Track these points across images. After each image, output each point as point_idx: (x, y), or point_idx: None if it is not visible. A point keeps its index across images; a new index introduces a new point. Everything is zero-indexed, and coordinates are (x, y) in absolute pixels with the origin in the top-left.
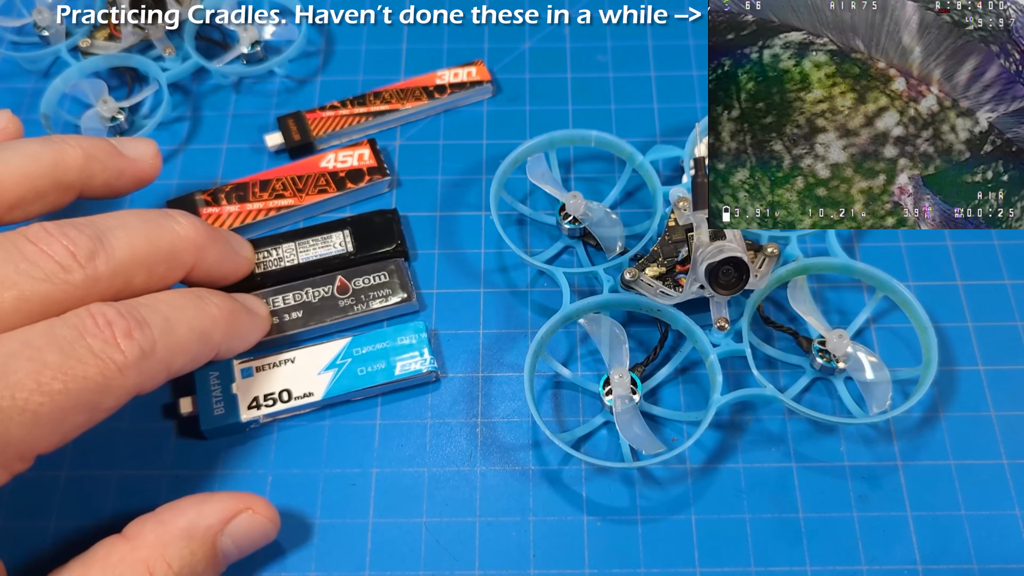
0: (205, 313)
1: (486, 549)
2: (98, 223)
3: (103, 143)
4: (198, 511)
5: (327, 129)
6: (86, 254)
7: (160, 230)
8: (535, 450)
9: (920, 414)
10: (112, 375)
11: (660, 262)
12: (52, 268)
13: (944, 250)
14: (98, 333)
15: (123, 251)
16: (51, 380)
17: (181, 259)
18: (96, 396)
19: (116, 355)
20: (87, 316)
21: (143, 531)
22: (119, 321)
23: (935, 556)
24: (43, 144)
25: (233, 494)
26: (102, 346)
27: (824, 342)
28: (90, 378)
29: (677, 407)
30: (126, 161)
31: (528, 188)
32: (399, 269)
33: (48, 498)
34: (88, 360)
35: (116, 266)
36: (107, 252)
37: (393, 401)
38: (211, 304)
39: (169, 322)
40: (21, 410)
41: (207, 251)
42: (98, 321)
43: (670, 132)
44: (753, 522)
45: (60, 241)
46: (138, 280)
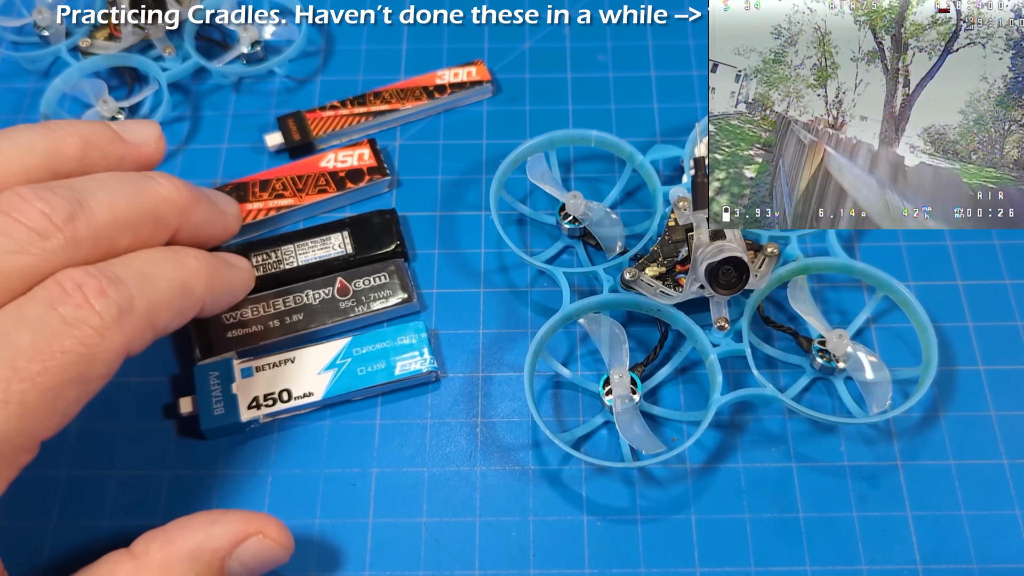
0: (183, 265)
1: (486, 549)
2: (76, 185)
3: (103, 128)
4: (207, 532)
5: (327, 129)
6: (64, 217)
7: (142, 191)
8: (535, 450)
9: (920, 414)
10: (92, 341)
11: (660, 262)
12: (27, 237)
13: (944, 250)
14: (68, 300)
15: (104, 212)
16: (27, 363)
17: (166, 220)
18: (82, 367)
19: (92, 319)
20: (54, 285)
21: (149, 549)
22: (89, 282)
23: (935, 556)
24: (39, 133)
25: (245, 515)
26: (75, 312)
27: (824, 342)
28: (70, 350)
29: (677, 407)
30: (127, 147)
31: (528, 188)
32: (399, 270)
33: (48, 498)
34: (63, 332)
35: (98, 228)
36: (87, 214)
37: (393, 401)
38: (188, 256)
39: (146, 276)
40: (4, 402)
41: (192, 211)
42: (66, 287)
43: (670, 132)
44: (753, 522)
45: (35, 205)
46: (123, 243)
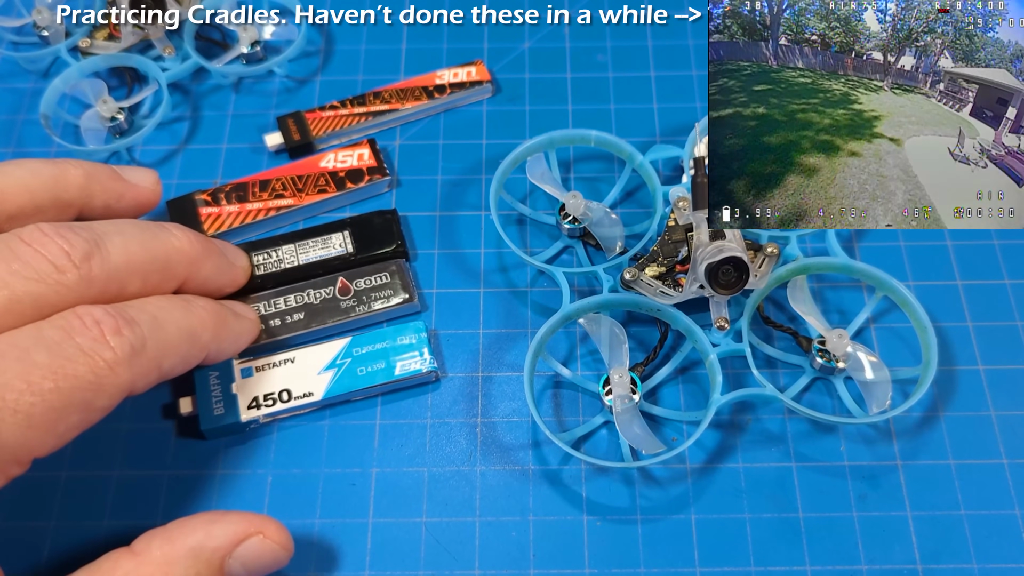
0: (192, 314)
1: (486, 549)
2: (95, 227)
3: (104, 167)
4: (207, 531)
5: (327, 129)
6: (81, 255)
7: (156, 240)
8: (535, 450)
9: (920, 414)
10: (103, 372)
11: (660, 262)
12: (45, 268)
13: (944, 250)
14: (86, 332)
15: (119, 256)
16: (41, 379)
17: (175, 270)
18: (88, 394)
19: (106, 352)
20: (74, 317)
21: (150, 547)
22: (107, 320)
23: (935, 556)
24: (45, 161)
25: (245, 515)
26: (91, 344)
27: (824, 342)
28: (81, 376)
29: (677, 407)
30: (126, 185)
31: (528, 188)
32: (400, 270)
33: (48, 498)
34: (78, 358)
35: (111, 270)
36: (102, 255)
37: (393, 401)
38: (197, 306)
39: (157, 321)
40: (13, 411)
41: (201, 264)
42: (85, 321)
43: (670, 132)
44: (753, 522)
45: (55, 241)
46: (132, 287)
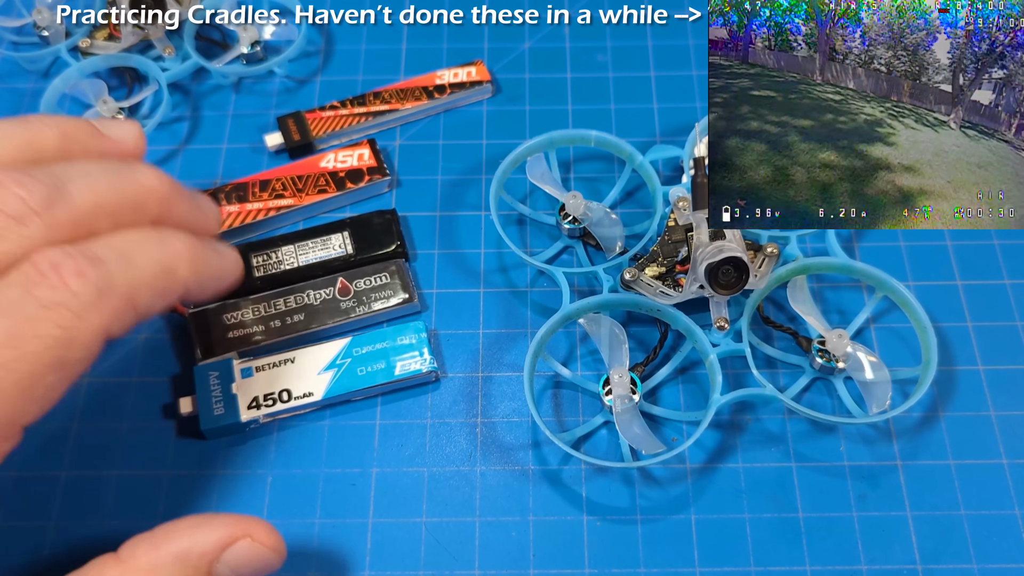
0: (166, 245)
1: (486, 549)
2: (55, 170)
3: (83, 123)
4: (193, 536)
5: (327, 129)
6: (42, 201)
7: (123, 178)
8: (535, 450)
9: (920, 414)
10: (70, 323)
11: (660, 262)
12: (4, 223)
13: (944, 250)
14: (44, 281)
15: (84, 198)
16: (2, 351)
17: (146, 208)
18: (60, 351)
19: (69, 300)
20: (29, 267)
21: (136, 553)
22: (67, 262)
23: (935, 556)
24: (14, 123)
25: (233, 518)
26: (51, 294)
27: (824, 342)
28: (46, 334)
29: (677, 407)
30: (108, 142)
31: (528, 188)
32: (400, 270)
33: (48, 498)
34: (38, 315)
35: (77, 215)
36: (66, 199)
37: (393, 401)
38: (172, 237)
39: (126, 256)
40: None
41: (174, 203)
42: (41, 267)
43: (670, 132)
44: (753, 522)
45: (12, 189)
46: (102, 231)
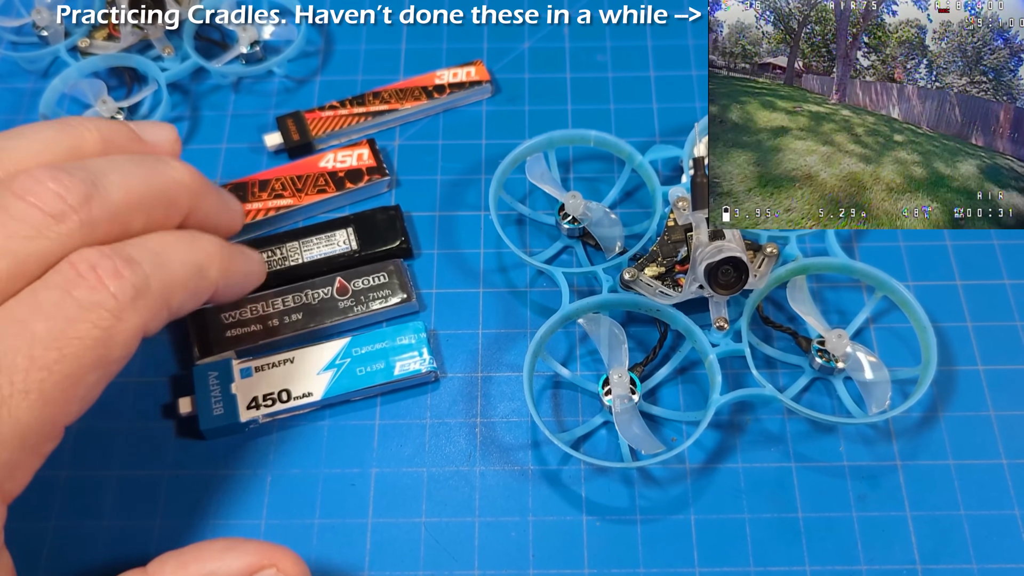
0: (198, 247)
1: (485, 549)
2: (90, 166)
3: (122, 128)
4: (221, 559)
5: (326, 129)
6: (79, 198)
7: (156, 173)
8: (534, 450)
9: (919, 414)
10: (109, 324)
11: (659, 262)
12: (43, 221)
13: (944, 250)
14: (83, 283)
15: (119, 194)
16: (44, 352)
17: (178, 203)
18: (100, 351)
19: (107, 301)
20: (68, 268)
21: (164, 570)
22: (104, 263)
23: (934, 556)
24: (59, 129)
25: (261, 545)
26: (90, 295)
27: (823, 342)
28: (86, 335)
29: (676, 407)
30: (145, 146)
31: (527, 188)
32: (398, 270)
33: (48, 498)
34: (78, 317)
35: (112, 210)
36: (101, 195)
37: (392, 401)
38: (203, 239)
39: (160, 257)
40: (24, 393)
41: (204, 197)
42: (80, 268)
43: (669, 132)
44: (752, 522)
45: (49, 187)
46: (136, 226)
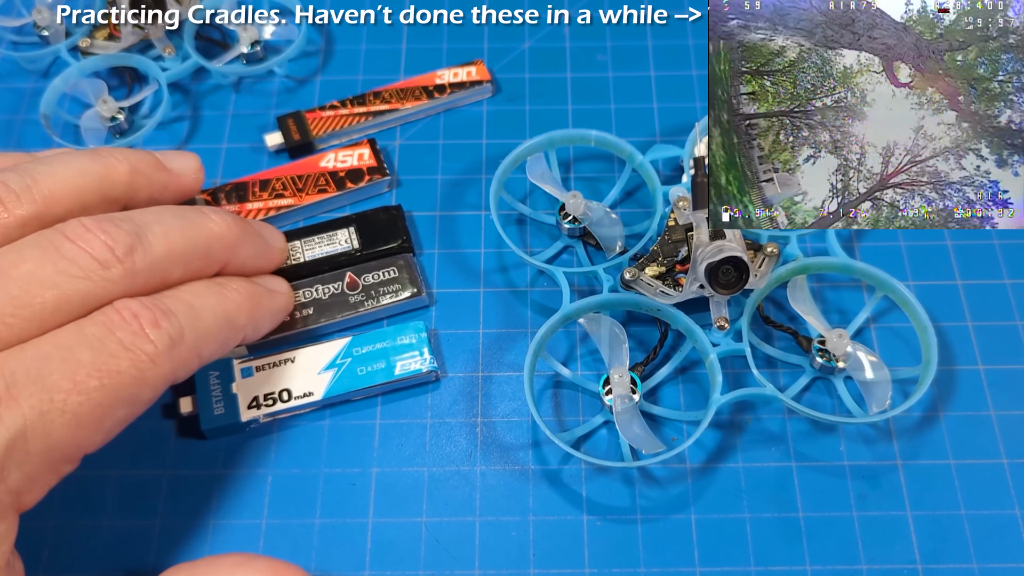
0: (227, 298)
1: (486, 549)
2: (136, 218)
3: (149, 157)
4: (232, 574)
5: (327, 129)
6: (124, 249)
7: (195, 227)
8: (535, 450)
9: (920, 413)
10: (145, 366)
11: (660, 262)
12: (91, 265)
13: (944, 250)
14: (126, 327)
15: (160, 246)
16: (87, 378)
17: (215, 256)
18: (133, 389)
19: (146, 346)
20: (113, 312)
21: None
22: (145, 313)
23: (935, 555)
24: (92, 158)
25: (273, 563)
26: (132, 338)
27: (824, 341)
28: (124, 371)
29: (677, 407)
30: (170, 176)
31: (528, 188)
32: (408, 264)
33: (47, 498)
34: (120, 354)
35: (153, 262)
36: (144, 247)
37: (393, 401)
38: (231, 289)
39: (193, 309)
40: (62, 411)
41: (240, 248)
42: (124, 315)
43: (670, 132)
44: (753, 521)
45: (99, 237)
46: (174, 276)
